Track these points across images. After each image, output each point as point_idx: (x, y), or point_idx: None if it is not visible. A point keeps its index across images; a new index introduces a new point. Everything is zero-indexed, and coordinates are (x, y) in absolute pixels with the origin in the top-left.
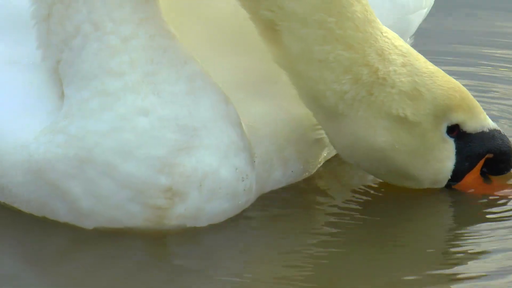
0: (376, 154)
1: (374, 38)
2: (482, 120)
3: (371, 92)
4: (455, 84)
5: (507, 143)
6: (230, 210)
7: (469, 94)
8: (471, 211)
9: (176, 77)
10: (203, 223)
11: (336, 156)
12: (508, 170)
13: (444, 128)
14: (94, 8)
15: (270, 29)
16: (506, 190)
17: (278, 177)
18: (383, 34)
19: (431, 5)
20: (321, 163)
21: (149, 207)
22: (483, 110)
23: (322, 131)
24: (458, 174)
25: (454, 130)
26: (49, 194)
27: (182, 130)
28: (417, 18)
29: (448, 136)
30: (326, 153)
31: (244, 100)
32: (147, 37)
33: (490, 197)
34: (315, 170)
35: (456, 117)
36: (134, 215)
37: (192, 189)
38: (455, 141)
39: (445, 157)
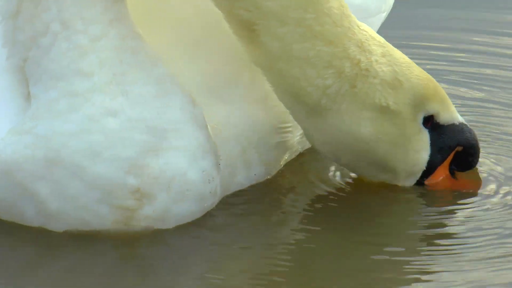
0: (360, 146)
1: (352, 32)
2: (453, 112)
3: (354, 84)
4: (428, 75)
5: (474, 137)
6: (197, 212)
7: (440, 86)
8: (440, 208)
9: (145, 79)
10: (170, 224)
11: (297, 157)
12: (475, 164)
13: (420, 119)
14: (64, 7)
15: (247, 29)
16: (470, 185)
17: (241, 180)
18: (360, 27)
19: (390, 9)
20: (282, 166)
21: (117, 208)
22: (452, 103)
23: (284, 134)
24: (431, 166)
25: (429, 121)
26: (17, 195)
27: (151, 131)
28: (377, 22)
29: (423, 127)
30: (287, 156)
31: (207, 103)
32: (117, 37)
33: (458, 193)
34: (275, 172)
35: (432, 108)
36: (102, 216)
37: (160, 191)
38: (429, 132)
39: (421, 148)
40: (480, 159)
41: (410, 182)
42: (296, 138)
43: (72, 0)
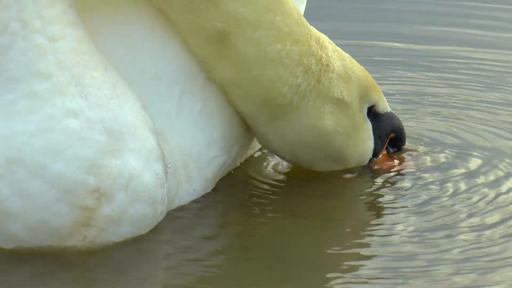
0: (321, 140)
1: (310, 30)
2: (385, 101)
3: (319, 80)
4: (363, 68)
5: (401, 123)
6: (150, 217)
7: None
8: (384, 185)
9: (101, 82)
10: (125, 228)
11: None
12: (403, 145)
13: (365, 109)
14: (24, 6)
15: (216, 42)
16: (407, 163)
17: (183, 195)
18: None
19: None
20: (216, 182)
21: (77, 207)
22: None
23: (220, 149)
24: (375, 152)
25: (370, 111)
26: None
27: (109, 132)
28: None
29: (367, 117)
30: (222, 171)
31: (154, 110)
32: (75, 40)
33: (396, 170)
34: (210, 190)
35: (374, 98)
36: (62, 216)
37: (118, 191)
38: (371, 121)
39: (366, 137)
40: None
41: (358, 167)
42: (233, 154)
43: (33, 0)
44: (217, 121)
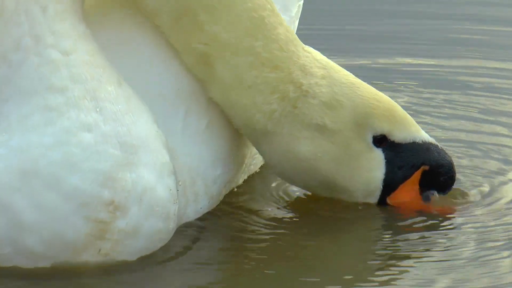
0: (302, 164)
1: (296, 55)
2: (414, 132)
3: (295, 105)
4: (379, 95)
5: (444, 156)
6: (163, 232)
7: (397, 106)
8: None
9: (115, 96)
10: (139, 242)
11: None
12: (450, 184)
13: (369, 138)
14: (35, 22)
15: (203, 62)
16: (441, 213)
17: (191, 214)
18: (304, 49)
19: None
20: (220, 200)
21: (91, 220)
22: (415, 123)
23: (225, 166)
24: (390, 184)
25: (383, 141)
26: None
27: (123, 146)
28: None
29: (374, 146)
30: (227, 188)
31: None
32: (87, 53)
33: (425, 215)
34: (215, 206)
35: (381, 127)
36: (77, 228)
37: (132, 204)
38: (383, 151)
39: (373, 167)
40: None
41: (372, 200)
42: (237, 171)
43: (43, 14)
44: (222, 139)
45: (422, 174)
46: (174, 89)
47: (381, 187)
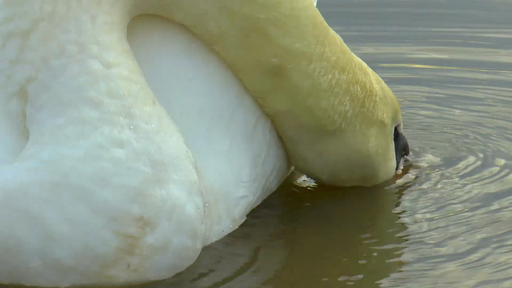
0: (363, 161)
1: (352, 56)
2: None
3: (364, 105)
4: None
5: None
6: (191, 250)
7: None
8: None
9: (149, 115)
10: (167, 258)
11: None
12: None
13: (393, 129)
14: (83, 31)
15: (274, 75)
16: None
17: (213, 236)
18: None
19: None
20: (241, 223)
21: (121, 235)
22: None
23: (246, 189)
24: (396, 170)
25: (395, 131)
26: (16, 223)
27: (153, 164)
28: None
29: (393, 137)
30: (247, 212)
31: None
32: (127, 68)
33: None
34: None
35: (399, 119)
36: (106, 242)
37: (162, 220)
38: (394, 140)
39: (392, 156)
40: None
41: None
42: (257, 194)
43: (92, 24)
44: (244, 160)
45: None
46: (196, 109)
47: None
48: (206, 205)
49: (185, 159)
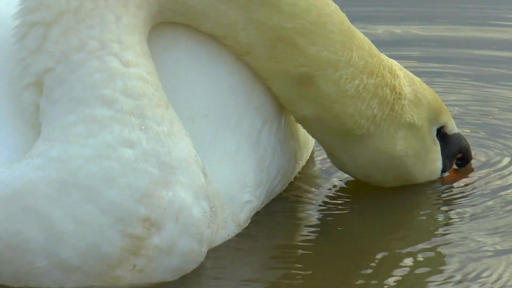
0: (393, 162)
1: (381, 59)
2: (453, 122)
3: (393, 108)
4: (433, 90)
5: (467, 143)
6: (196, 253)
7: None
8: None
9: (161, 117)
10: (173, 260)
11: None
12: (468, 162)
13: (434, 131)
14: (107, 28)
15: (302, 83)
16: (465, 179)
17: (218, 241)
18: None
19: None
20: (244, 227)
21: (127, 235)
22: None
23: (251, 193)
24: (443, 172)
25: (439, 133)
26: (23, 221)
27: (161, 166)
28: None
29: (436, 138)
30: (250, 216)
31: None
32: (145, 70)
33: (456, 183)
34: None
35: (443, 120)
36: (112, 242)
37: (168, 221)
38: (439, 142)
39: (436, 158)
40: None
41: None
42: (261, 199)
43: (116, 23)
44: (250, 165)
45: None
46: (203, 113)
47: (439, 176)
48: (213, 209)
49: (194, 164)
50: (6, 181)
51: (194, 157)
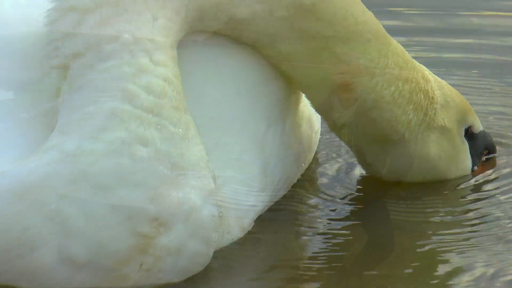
0: (427, 165)
1: (414, 64)
2: (478, 121)
3: (427, 113)
4: (458, 92)
5: (492, 139)
6: (203, 255)
7: None
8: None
9: (177, 120)
10: (180, 261)
11: None
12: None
13: (462, 131)
14: (143, 26)
15: (343, 90)
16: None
17: (224, 245)
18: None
19: None
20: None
21: (135, 233)
22: None
23: (255, 198)
24: (471, 170)
25: (467, 132)
26: (33, 215)
27: (173, 167)
28: None
29: (464, 138)
30: (254, 220)
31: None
32: (171, 72)
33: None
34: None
35: (470, 120)
36: (121, 240)
37: (177, 222)
38: (467, 141)
39: (465, 157)
40: None
41: None
42: (264, 203)
43: (152, 24)
44: (254, 169)
45: None
46: (208, 117)
47: (469, 173)
48: (220, 215)
49: (205, 169)
50: (17, 176)
51: (206, 163)
